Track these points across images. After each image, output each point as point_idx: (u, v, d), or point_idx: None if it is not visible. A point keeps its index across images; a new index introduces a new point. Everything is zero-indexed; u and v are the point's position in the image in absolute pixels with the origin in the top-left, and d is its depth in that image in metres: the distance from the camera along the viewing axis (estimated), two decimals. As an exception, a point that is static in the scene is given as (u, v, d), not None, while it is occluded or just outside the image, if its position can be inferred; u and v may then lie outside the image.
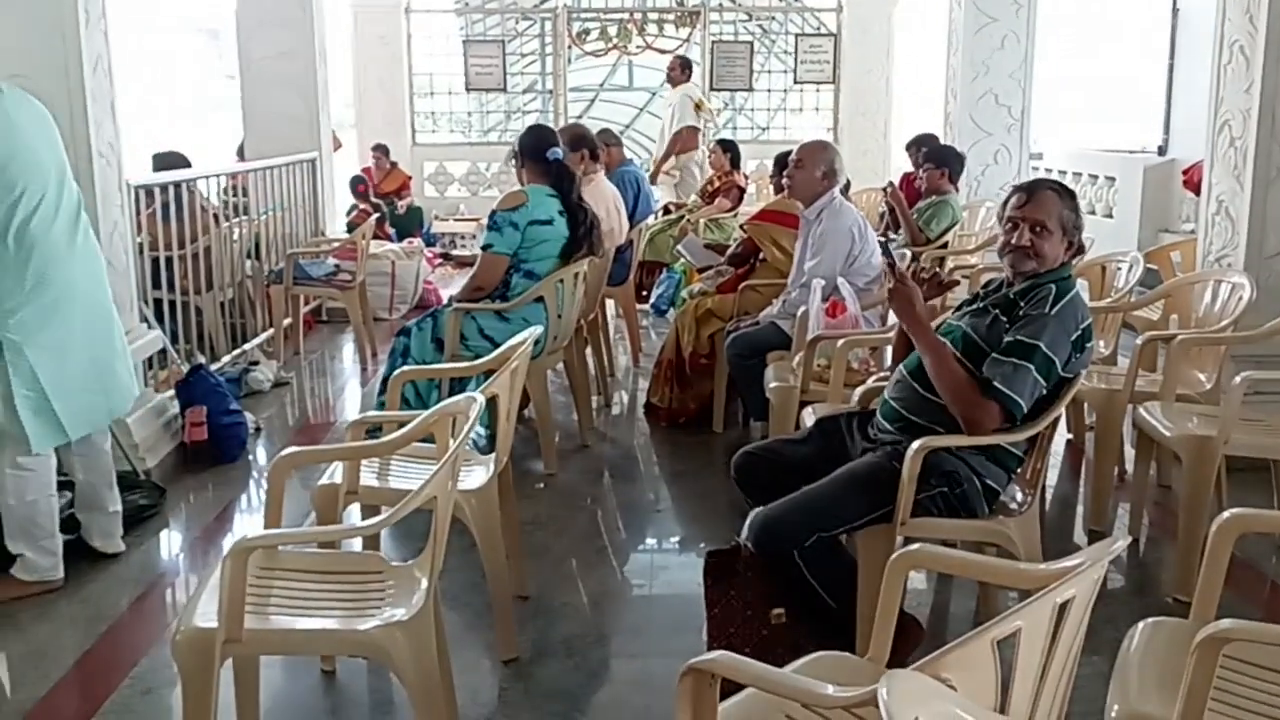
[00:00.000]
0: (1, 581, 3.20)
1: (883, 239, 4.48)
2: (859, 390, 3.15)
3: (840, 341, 3.68)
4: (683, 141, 9.30)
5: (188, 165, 5.95)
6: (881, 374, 3.30)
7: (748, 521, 2.71)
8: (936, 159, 6.08)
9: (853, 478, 2.65)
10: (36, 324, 3.08)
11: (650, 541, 3.93)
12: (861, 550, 2.61)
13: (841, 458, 2.81)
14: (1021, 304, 2.67)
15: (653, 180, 9.05)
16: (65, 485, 3.43)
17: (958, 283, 4.11)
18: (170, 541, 3.81)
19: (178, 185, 5.36)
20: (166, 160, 5.91)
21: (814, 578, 2.56)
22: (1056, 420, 2.72)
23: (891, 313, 3.11)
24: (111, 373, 3.36)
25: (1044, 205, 2.67)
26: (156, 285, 5.08)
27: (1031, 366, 2.57)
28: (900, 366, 2.83)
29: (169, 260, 5.21)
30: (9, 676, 2.90)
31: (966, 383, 2.62)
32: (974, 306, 2.81)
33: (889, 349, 3.93)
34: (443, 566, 2.24)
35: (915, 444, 2.54)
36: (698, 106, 9.47)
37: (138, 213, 4.74)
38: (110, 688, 2.76)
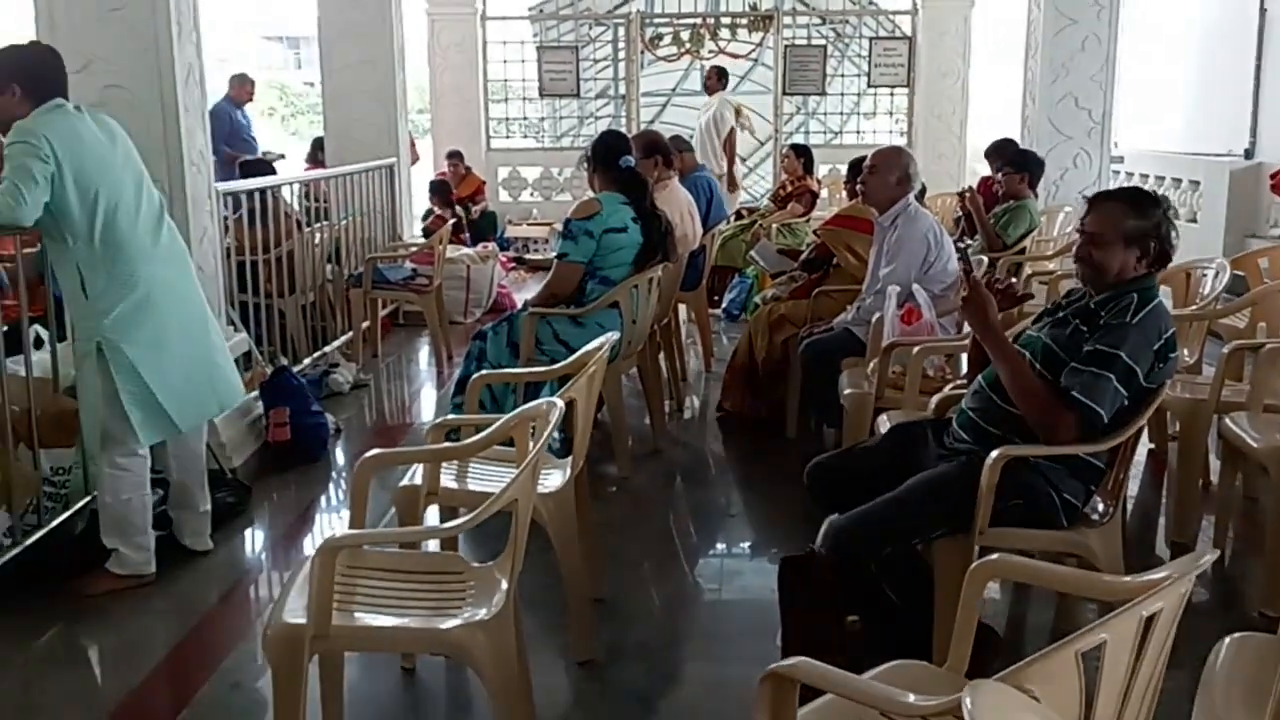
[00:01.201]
0: (97, 575, 3.32)
1: (960, 245, 4.44)
2: (935, 398, 3.12)
3: (916, 348, 3.66)
4: (732, 146, 9.43)
5: (273, 172, 6.10)
6: (958, 382, 3.27)
7: (822, 530, 2.71)
8: (1015, 163, 6.01)
9: (927, 487, 2.64)
10: (131, 321, 3.20)
11: (722, 546, 3.95)
12: (937, 559, 2.60)
13: (915, 466, 2.79)
14: (1102, 313, 2.64)
15: (730, 189, 9.08)
16: (159, 483, 3.55)
17: (1031, 296, 4.07)
18: (255, 539, 3.92)
19: (263, 191, 5.50)
20: (253, 167, 6.07)
21: (889, 587, 2.57)
22: (1139, 431, 2.68)
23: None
24: (214, 366, 3.48)
25: (1102, 217, 2.65)
26: (242, 289, 5.22)
27: (1112, 376, 2.53)
28: (979, 377, 2.80)
29: (254, 264, 5.35)
30: (102, 668, 3.02)
31: (1044, 392, 2.59)
32: (1054, 317, 2.78)
33: (965, 356, 3.91)
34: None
35: (994, 453, 2.52)
36: (737, 112, 9.51)
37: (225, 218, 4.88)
38: (199, 681, 2.85)
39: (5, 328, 3.57)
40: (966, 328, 4.20)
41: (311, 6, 7.46)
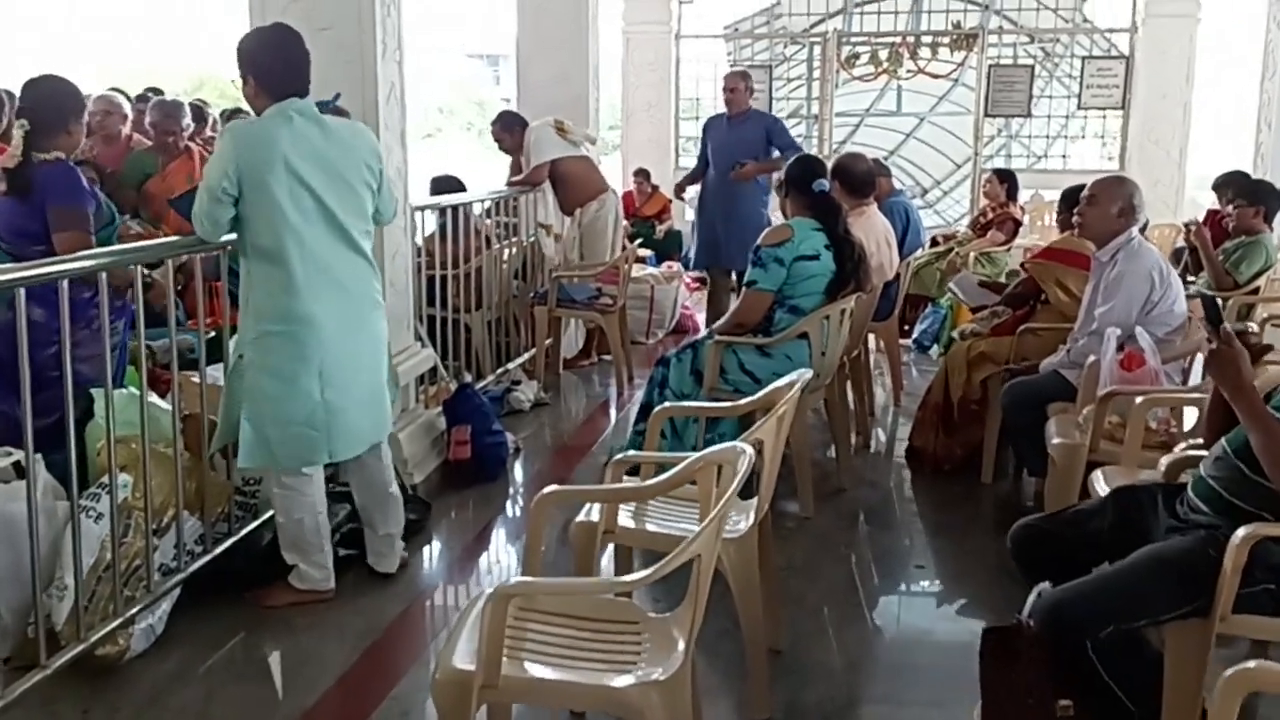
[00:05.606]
0: (279, 587, 3.36)
1: (1206, 292, 4.05)
2: (1165, 460, 2.81)
3: (1139, 399, 3.34)
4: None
5: (463, 189, 6.16)
6: (1193, 442, 2.94)
7: (1031, 599, 2.46)
8: (1248, 195, 5.52)
9: (1160, 562, 2.35)
10: (271, 349, 3.14)
11: (910, 600, 3.71)
12: (1169, 645, 2.31)
13: (1142, 537, 2.50)
14: (1374, 373, 2.30)
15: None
16: (348, 499, 3.60)
17: (1270, 347, 3.66)
18: (433, 557, 3.90)
19: (455, 208, 5.55)
20: (443, 184, 6.15)
21: (1109, 673, 2.29)
22: None
23: (1203, 370, 2.77)
24: (339, 414, 3.24)
25: None
26: (431, 303, 5.28)
27: (1385, 447, 2.20)
28: (1222, 441, 2.48)
29: (444, 279, 5.41)
30: (279, 683, 3.03)
31: (1302, 463, 2.27)
32: (1317, 375, 2.45)
33: (1187, 409, 3.55)
34: (698, 620, 2.14)
35: (1242, 531, 2.22)
36: (560, 129, 6.48)
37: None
38: (371, 706, 2.82)
39: (211, 334, 3.67)
40: (1193, 378, 3.85)
41: (511, 24, 7.57)
